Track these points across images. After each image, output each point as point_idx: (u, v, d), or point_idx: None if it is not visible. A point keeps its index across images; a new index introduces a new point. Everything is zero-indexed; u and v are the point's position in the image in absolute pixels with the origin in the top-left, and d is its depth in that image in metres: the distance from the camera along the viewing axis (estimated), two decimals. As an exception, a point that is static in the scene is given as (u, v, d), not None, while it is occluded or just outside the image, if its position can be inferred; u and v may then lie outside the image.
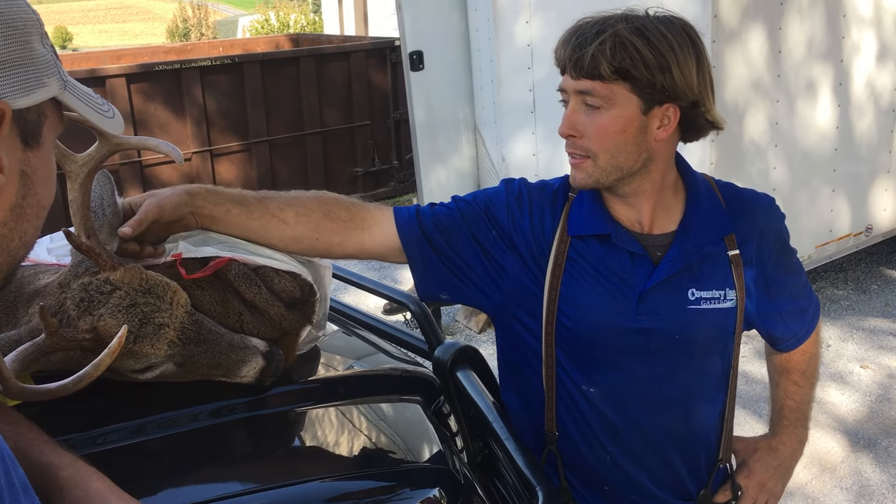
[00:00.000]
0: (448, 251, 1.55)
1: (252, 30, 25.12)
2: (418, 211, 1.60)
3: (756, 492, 1.74)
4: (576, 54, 1.39)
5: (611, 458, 1.59)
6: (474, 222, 1.56)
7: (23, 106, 0.81)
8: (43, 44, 0.85)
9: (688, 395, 1.59)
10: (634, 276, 1.51)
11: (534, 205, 1.57)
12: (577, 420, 1.58)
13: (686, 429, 1.61)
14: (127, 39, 42.75)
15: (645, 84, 1.38)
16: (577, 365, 1.56)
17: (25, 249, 0.87)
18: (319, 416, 1.54)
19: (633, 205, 1.53)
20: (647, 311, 1.51)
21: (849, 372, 4.60)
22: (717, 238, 1.54)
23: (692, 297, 1.52)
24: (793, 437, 1.79)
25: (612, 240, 1.51)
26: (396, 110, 8.61)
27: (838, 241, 5.10)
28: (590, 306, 1.51)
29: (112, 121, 1.02)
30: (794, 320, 1.69)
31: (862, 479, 3.68)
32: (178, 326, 1.34)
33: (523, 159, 4.87)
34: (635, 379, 1.55)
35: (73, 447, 1.12)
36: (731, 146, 4.42)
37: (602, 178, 1.46)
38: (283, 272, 1.54)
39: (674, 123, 1.44)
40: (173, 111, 7.48)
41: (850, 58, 4.86)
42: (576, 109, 1.43)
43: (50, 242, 1.53)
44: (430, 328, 1.94)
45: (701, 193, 1.56)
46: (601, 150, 1.43)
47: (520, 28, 4.76)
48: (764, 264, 1.59)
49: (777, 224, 1.62)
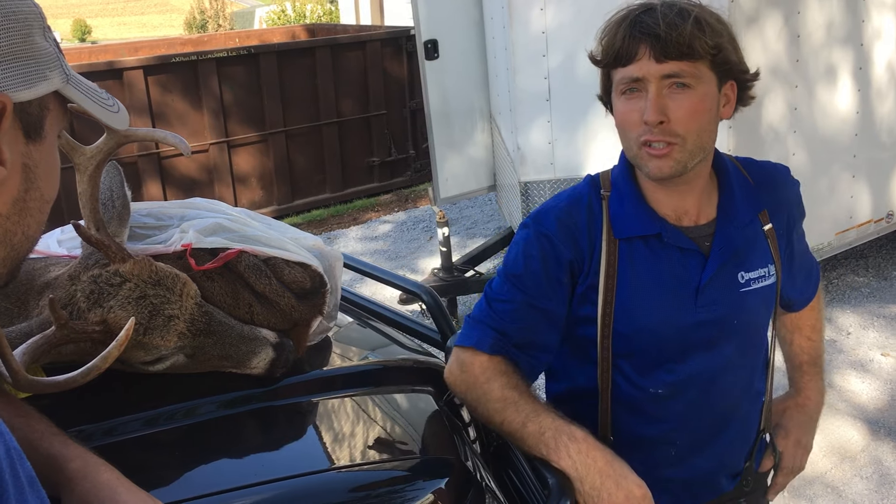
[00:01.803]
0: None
1: (269, 21, 25.16)
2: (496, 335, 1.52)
3: (794, 449, 1.77)
4: (671, 34, 1.35)
5: (676, 453, 1.59)
6: (539, 285, 1.51)
7: (24, 99, 0.81)
8: (45, 37, 0.85)
9: (745, 375, 1.61)
10: (688, 272, 1.49)
11: (574, 226, 1.51)
12: (639, 422, 1.57)
13: (745, 408, 1.64)
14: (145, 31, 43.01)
15: (725, 60, 1.40)
16: (642, 369, 1.54)
17: (29, 244, 0.86)
18: (331, 406, 1.54)
19: (683, 194, 1.50)
20: (706, 303, 1.50)
21: (869, 360, 4.56)
22: (752, 216, 1.55)
23: (742, 280, 1.53)
24: (815, 390, 1.82)
25: (662, 238, 1.49)
26: (412, 99, 8.59)
27: (859, 227, 5.03)
28: (648, 311, 1.49)
29: (117, 115, 1.01)
30: (805, 281, 1.73)
31: (882, 468, 3.65)
32: (188, 318, 1.34)
33: (539, 147, 4.84)
34: (702, 370, 1.54)
35: (83, 438, 1.12)
36: (749, 132, 4.38)
37: (689, 162, 1.42)
38: (293, 263, 1.54)
39: (734, 100, 1.47)
40: (190, 102, 7.50)
41: (871, 41, 4.79)
42: (660, 94, 1.38)
43: (61, 234, 1.54)
44: (443, 319, 1.94)
45: (731, 175, 1.56)
46: (690, 132, 1.40)
47: (535, 15, 4.73)
48: (790, 233, 1.62)
49: (796, 192, 1.65)
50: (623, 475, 1.34)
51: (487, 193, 5.86)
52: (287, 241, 1.59)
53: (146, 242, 1.48)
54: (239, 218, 1.61)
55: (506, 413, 1.44)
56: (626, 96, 1.42)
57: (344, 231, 7.68)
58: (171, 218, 1.57)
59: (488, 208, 7.78)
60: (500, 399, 1.45)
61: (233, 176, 7.83)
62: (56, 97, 0.87)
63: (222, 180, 7.77)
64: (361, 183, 8.65)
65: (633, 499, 1.33)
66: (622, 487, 1.33)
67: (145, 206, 1.60)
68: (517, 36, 4.78)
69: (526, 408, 1.42)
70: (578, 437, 1.37)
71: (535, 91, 4.80)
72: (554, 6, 4.67)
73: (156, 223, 1.55)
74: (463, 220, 7.62)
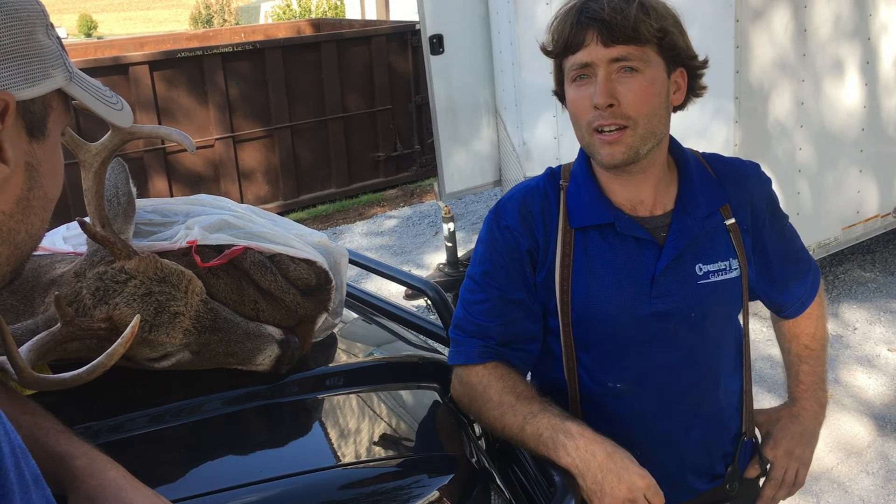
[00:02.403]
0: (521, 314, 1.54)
1: (274, 15, 25.15)
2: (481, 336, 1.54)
3: (785, 461, 1.72)
4: (616, 18, 1.37)
5: (641, 453, 1.57)
6: (510, 277, 1.53)
7: (27, 97, 0.81)
8: (48, 35, 0.85)
9: (710, 371, 1.59)
10: (643, 262, 1.50)
11: (529, 216, 1.53)
12: (604, 417, 1.56)
13: (713, 406, 1.61)
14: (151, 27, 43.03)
15: (672, 45, 1.42)
16: (601, 362, 1.54)
17: (32, 242, 0.86)
18: (336, 403, 1.54)
19: (639, 184, 1.51)
20: (661, 294, 1.50)
21: (876, 355, 4.54)
22: (713, 209, 1.54)
23: (700, 272, 1.52)
24: (812, 400, 1.77)
25: (616, 228, 1.50)
26: (418, 94, 8.58)
27: (865, 222, 5.02)
28: (603, 300, 1.50)
29: (120, 113, 1.01)
30: (796, 284, 1.70)
31: (889, 464, 3.64)
32: (194, 315, 1.34)
33: (544, 142, 4.84)
34: (660, 365, 1.54)
35: (89, 436, 1.12)
36: (756, 127, 4.36)
37: (641, 147, 1.43)
38: (298, 259, 1.54)
39: (684, 88, 1.48)
40: (196, 98, 7.51)
41: (878, 36, 4.77)
42: (609, 78, 1.40)
43: (66, 231, 1.54)
44: (448, 314, 1.93)
45: (692, 167, 1.56)
46: (641, 115, 1.41)
47: (540, 10, 4.72)
48: (759, 231, 1.60)
49: (766, 189, 1.63)
50: (624, 467, 1.34)
51: (493, 188, 5.85)
52: (292, 237, 1.59)
53: (151, 239, 1.49)
54: (244, 214, 1.61)
55: (505, 419, 1.44)
56: (577, 84, 1.44)
57: (349, 226, 7.68)
58: (176, 215, 1.57)
59: (493, 203, 7.76)
60: (498, 405, 1.46)
61: (238, 171, 7.83)
62: (59, 95, 0.87)
63: (228, 175, 7.77)
64: (367, 178, 8.64)
65: (636, 490, 1.33)
66: (624, 480, 1.33)
67: (150, 203, 1.60)
68: (523, 31, 4.77)
69: (523, 410, 1.43)
70: (575, 434, 1.37)
71: (541, 86, 4.78)
72: (560, 1, 4.66)
73: (161, 220, 1.55)
74: (468, 215, 7.61)
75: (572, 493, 1.33)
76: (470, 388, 1.51)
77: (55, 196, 0.87)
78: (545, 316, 1.57)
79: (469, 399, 1.52)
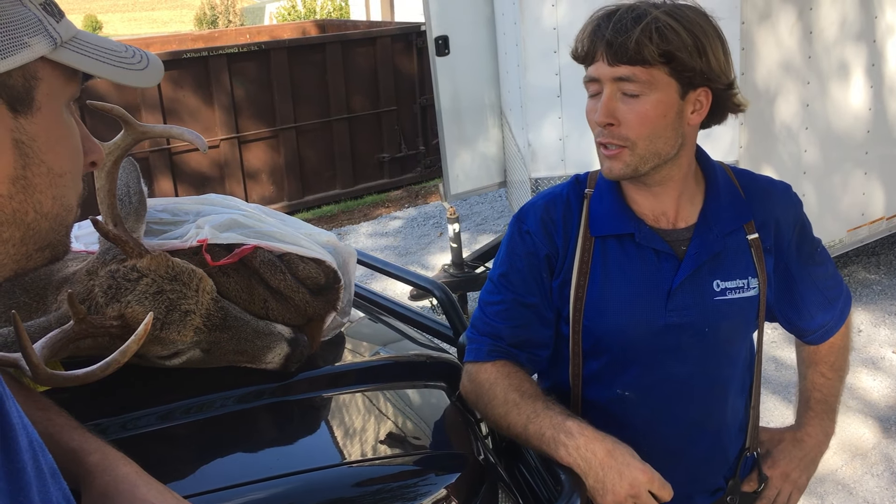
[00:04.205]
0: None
1: (279, 16, 25.15)
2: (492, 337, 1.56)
3: (780, 482, 1.72)
4: (618, 39, 1.37)
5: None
6: (525, 282, 1.54)
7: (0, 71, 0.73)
8: (23, 2, 0.76)
9: (720, 386, 1.58)
10: (660, 274, 1.49)
11: (550, 223, 1.54)
12: (610, 424, 1.54)
13: (720, 421, 1.60)
14: (156, 27, 43.12)
15: (684, 67, 1.38)
16: (611, 370, 1.55)
17: (49, 221, 0.79)
18: (344, 401, 1.55)
19: (658, 196, 1.50)
20: (676, 307, 1.49)
21: (881, 357, 4.54)
22: (737, 226, 1.53)
23: (717, 289, 1.51)
24: (818, 428, 1.76)
25: (636, 239, 1.49)
26: (423, 95, 8.59)
27: (870, 224, 5.01)
28: (617, 309, 1.50)
29: (142, 73, 0.88)
30: (821, 312, 1.66)
31: (894, 466, 3.64)
32: (204, 313, 1.35)
33: (550, 144, 4.84)
34: (670, 376, 1.53)
35: (101, 432, 1.14)
36: (761, 129, 4.36)
37: (640, 166, 1.43)
38: (308, 259, 1.55)
39: (706, 107, 1.45)
40: (202, 98, 7.52)
41: (884, 38, 4.76)
42: (612, 97, 1.41)
43: (78, 230, 1.55)
44: (454, 314, 1.95)
45: (720, 182, 1.54)
46: (640, 137, 1.40)
47: (546, 11, 4.72)
48: (783, 252, 1.58)
49: (795, 210, 1.60)
50: (625, 463, 1.34)
51: (498, 190, 5.85)
52: (301, 237, 1.61)
53: (162, 238, 1.50)
54: (254, 214, 1.63)
55: (509, 417, 1.45)
56: (590, 95, 1.46)
57: (354, 227, 7.69)
58: (186, 214, 1.58)
59: (499, 204, 7.78)
60: (503, 403, 1.47)
61: (244, 172, 7.85)
62: (49, 64, 0.78)
63: (233, 176, 7.79)
64: (372, 179, 8.65)
65: (638, 485, 1.33)
66: (625, 477, 1.33)
67: (161, 202, 1.62)
68: (528, 32, 4.78)
69: (527, 409, 1.43)
70: (575, 433, 1.37)
71: (546, 87, 4.79)
72: (566, 2, 4.66)
73: (172, 219, 1.56)
74: (473, 216, 7.62)
75: (578, 492, 1.34)
76: (477, 385, 1.52)
77: (64, 171, 0.80)
78: (559, 323, 1.57)
79: (476, 396, 1.53)
